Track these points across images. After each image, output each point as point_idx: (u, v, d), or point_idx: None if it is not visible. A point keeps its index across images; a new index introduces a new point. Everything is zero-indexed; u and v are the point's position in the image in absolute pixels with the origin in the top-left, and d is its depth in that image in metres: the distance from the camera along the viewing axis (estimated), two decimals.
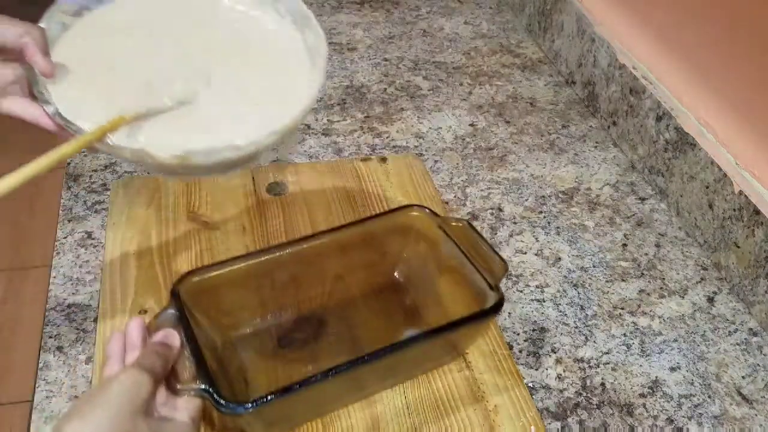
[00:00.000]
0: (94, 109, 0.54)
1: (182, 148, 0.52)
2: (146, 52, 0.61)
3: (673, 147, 0.80)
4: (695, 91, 0.79)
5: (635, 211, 0.82)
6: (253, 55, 0.62)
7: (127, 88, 0.58)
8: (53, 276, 0.68)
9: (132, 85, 0.58)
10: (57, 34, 0.58)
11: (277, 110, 0.56)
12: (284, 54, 0.62)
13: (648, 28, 0.87)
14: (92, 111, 0.54)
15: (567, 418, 0.60)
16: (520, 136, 0.91)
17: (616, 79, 0.89)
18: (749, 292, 0.70)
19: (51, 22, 0.57)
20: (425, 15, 1.16)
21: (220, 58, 0.61)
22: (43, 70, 0.52)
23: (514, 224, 0.78)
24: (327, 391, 0.53)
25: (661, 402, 0.62)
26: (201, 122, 0.56)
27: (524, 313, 0.68)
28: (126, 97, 0.57)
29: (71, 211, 0.75)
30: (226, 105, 0.58)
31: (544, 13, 1.07)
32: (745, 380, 0.64)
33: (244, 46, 0.62)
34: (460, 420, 0.58)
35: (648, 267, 0.75)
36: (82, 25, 0.60)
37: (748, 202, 0.69)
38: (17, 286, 1.71)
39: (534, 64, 1.06)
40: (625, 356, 0.65)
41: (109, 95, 0.57)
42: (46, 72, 0.52)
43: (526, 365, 0.64)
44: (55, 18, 0.58)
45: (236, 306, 0.62)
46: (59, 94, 0.55)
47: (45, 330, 0.63)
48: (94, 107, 0.55)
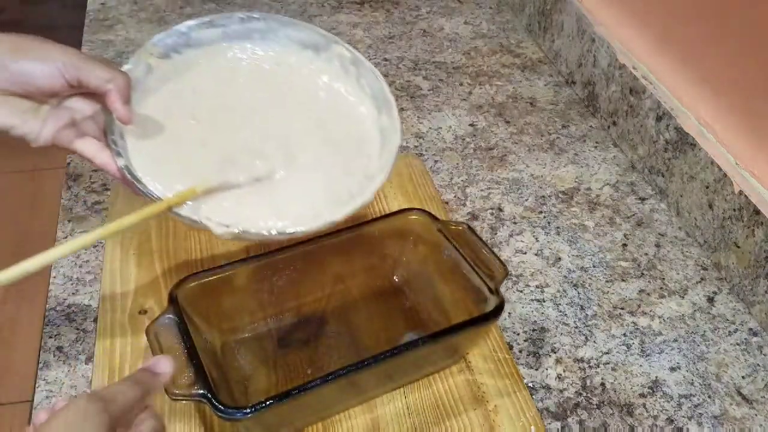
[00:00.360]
0: (166, 173, 0.55)
1: (241, 226, 0.53)
2: (227, 119, 0.60)
3: (673, 147, 0.80)
4: (695, 91, 0.79)
5: (635, 211, 0.82)
6: (331, 131, 0.61)
7: (203, 157, 0.57)
8: (53, 276, 0.68)
9: (208, 155, 0.57)
10: (141, 76, 0.57)
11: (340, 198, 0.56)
12: (360, 133, 0.61)
13: (648, 28, 0.87)
14: (163, 173, 0.55)
15: (567, 418, 0.60)
16: (520, 136, 0.91)
17: (616, 79, 0.89)
18: (749, 292, 0.70)
19: (138, 63, 0.57)
20: (425, 15, 1.16)
21: (300, 134, 0.60)
22: (121, 118, 0.53)
23: (514, 224, 0.78)
24: (327, 395, 0.53)
25: (661, 402, 0.62)
26: (268, 202, 0.56)
27: (524, 313, 0.68)
28: (200, 166, 0.56)
29: (71, 211, 0.75)
30: (296, 188, 0.57)
31: (544, 13, 1.07)
32: (745, 380, 0.64)
33: (323, 121, 0.61)
34: (461, 421, 0.58)
35: (648, 267, 0.75)
36: (167, 72, 0.59)
37: (748, 202, 0.69)
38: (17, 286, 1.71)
39: (534, 64, 1.06)
40: (625, 356, 0.65)
41: (183, 161, 0.57)
42: (123, 119, 0.53)
43: (526, 365, 0.64)
44: (142, 59, 0.57)
45: (235, 310, 0.62)
46: (133, 145, 0.55)
47: (45, 330, 0.63)
48: (166, 170, 0.55)
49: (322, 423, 0.57)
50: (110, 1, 1.12)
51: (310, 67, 0.63)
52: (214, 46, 0.61)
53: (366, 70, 0.61)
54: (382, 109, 0.61)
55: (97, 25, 1.07)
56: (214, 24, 0.60)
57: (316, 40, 0.61)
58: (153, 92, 0.58)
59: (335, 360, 0.61)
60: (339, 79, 0.62)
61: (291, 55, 0.62)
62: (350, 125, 0.62)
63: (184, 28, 0.59)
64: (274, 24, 0.61)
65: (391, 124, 0.60)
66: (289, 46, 0.62)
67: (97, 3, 1.12)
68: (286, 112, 0.62)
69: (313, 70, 0.63)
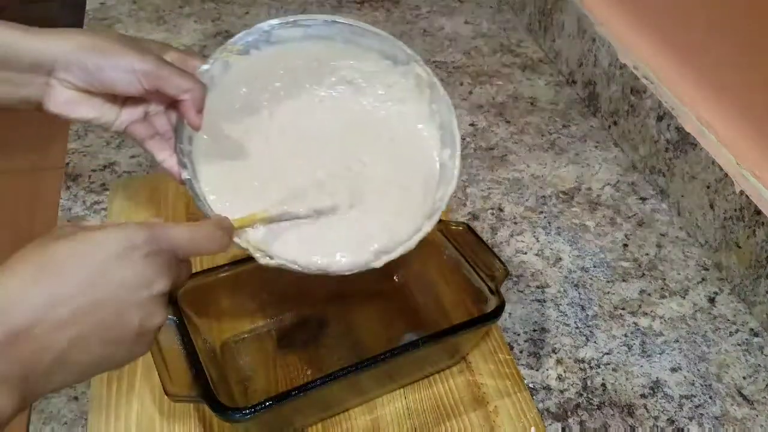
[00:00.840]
0: (228, 189, 0.56)
1: (285, 258, 0.54)
2: (298, 141, 0.60)
3: (674, 147, 0.80)
4: (696, 91, 0.79)
5: (636, 211, 0.81)
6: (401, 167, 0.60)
7: (268, 184, 0.57)
8: None
9: (275, 181, 0.58)
10: (218, 74, 0.57)
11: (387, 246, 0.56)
12: (425, 170, 0.60)
13: (649, 28, 0.86)
14: (226, 190, 0.56)
15: (568, 419, 0.60)
16: (521, 136, 0.91)
17: (616, 79, 0.89)
18: (750, 293, 0.70)
19: (216, 61, 0.57)
20: (425, 14, 1.16)
21: (370, 168, 0.60)
22: (192, 124, 0.54)
23: (515, 224, 0.78)
24: (327, 396, 0.53)
25: (662, 402, 0.62)
26: (321, 240, 0.56)
27: (525, 314, 0.68)
28: (264, 193, 0.57)
29: (70, 211, 0.75)
30: (351, 229, 0.57)
31: (545, 13, 1.07)
32: (746, 381, 0.64)
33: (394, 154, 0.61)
34: (461, 422, 0.58)
35: (649, 267, 0.74)
36: (244, 71, 0.58)
37: (749, 202, 0.69)
38: None
39: (534, 64, 1.06)
40: (625, 357, 0.65)
41: (248, 182, 0.57)
42: (194, 126, 0.54)
43: (526, 366, 0.64)
44: (221, 57, 0.57)
45: (235, 310, 0.62)
46: (201, 152, 0.56)
47: None
48: (229, 187, 0.56)
49: (322, 423, 0.57)
50: (109, 1, 1.12)
51: (384, 82, 0.61)
52: (294, 44, 0.59)
53: (440, 98, 0.59)
54: (447, 143, 0.60)
55: (96, 24, 1.06)
56: (298, 24, 0.59)
57: (397, 54, 0.60)
58: (228, 94, 0.58)
59: (335, 361, 0.61)
60: (412, 99, 0.61)
61: (369, 63, 0.60)
62: (419, 160, 0.60)
63: (266, 27, 0.58)
64: (358, 30, 0.59)
65: (451, 164, 0.59)
66: (369, 53, 0.60)
67: (96, 2, 1.12)
68: (358, 138, 0.61)
69: (387, 84, 0.61)
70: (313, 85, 0.61)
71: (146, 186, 0.77)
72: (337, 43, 0.59)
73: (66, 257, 0.37)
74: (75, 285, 0.37)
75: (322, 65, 0.60)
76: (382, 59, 0.60)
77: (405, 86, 0.61)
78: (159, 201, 0.75)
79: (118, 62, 0.50)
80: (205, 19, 1.09)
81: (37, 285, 0.36)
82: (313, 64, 0.60)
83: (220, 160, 0.57)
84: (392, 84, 0.61)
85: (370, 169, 0.60)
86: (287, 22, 0.59)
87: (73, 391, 0.58)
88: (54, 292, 0.36)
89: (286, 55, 0.59)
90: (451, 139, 0.59)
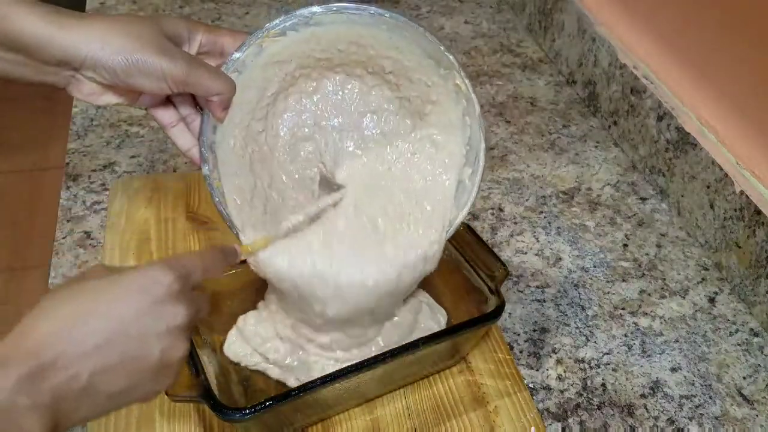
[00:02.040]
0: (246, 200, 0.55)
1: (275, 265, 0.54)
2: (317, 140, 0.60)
3: (674, 147, 0.80)
4: (696, 91, 0.79)
5: (636, 211, 0.81)
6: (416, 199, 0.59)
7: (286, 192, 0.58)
8: (52, 276, 0.67)
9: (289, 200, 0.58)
10: (249, 60, 0.55)
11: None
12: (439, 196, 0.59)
13: (649, 28, 0.86)
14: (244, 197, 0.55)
15: (568, 419, 0.60)
16: (521, 136, 0.91)
17: (616, 79, 0.89)
18: (750, 293, 0.70)
19: (251, 46, 0.55)
20: (425, 14, 1.16)
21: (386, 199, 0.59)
22: (217, 117, 0.54)
23: (515, 224, 0.78)
24: (327, 396, 0.53)
25: (662, 402, 0.62)
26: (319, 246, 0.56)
27: (525, 314, 0.68)
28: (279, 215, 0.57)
29: (70, 211, 0.75)
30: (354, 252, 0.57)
31: (545, 13, 1.07)
32: (746, 381, 0.64)
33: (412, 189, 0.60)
34: (461, 422, 0.58)
35: (649, 267, 0.74)
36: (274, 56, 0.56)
37: (749, 202, 0.69)
38: (17, 286, 1.71)
39: (534, 64, 1.06)
40: (625, 357, 0.65)
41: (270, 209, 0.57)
42: (219, 119, 0.54)
43: (526, 366, 0.64)
44: (257, 42, 0.55)
45: (235, 310, 0.61)
46: (222, 149, 0.55)
47: None
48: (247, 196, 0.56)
49: (322, 423, 0.57)
50: (109, 1, 1.12)
51: (422, 80, 0.58)
52: (335, 26, 0.56)
53: (474, 115, 0.57)
54: (470, 162, 0.58)
55: None
56: (341, 11, 0.56)
57: (441, 57, 0.56)
58: (257, 80, 0.56)
59: None
60: (447, 105, 0.58)
61: (411, 57, 0.57)
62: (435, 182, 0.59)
63: (307, 12, 0.55)
64: (406, 26, 0.56)
65: (470, 185, 0.58)
66: (413, 48, 0.56)
67: (96, 2, 1.12)
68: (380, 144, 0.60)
69: (425, 83, 0.58)
70: (346, 75, 0.59)
71: (146, 186, 0.77)
72: (382, 32, 0.56)
73: (94, 296, 0.40)
74: (101, 320, 0.39)
75: (360, 51, 0.57)
76: (425, 57, 0.57)
77: (443, 90, 0.58)
78: (159, 201, 0.75)
79: (147, 69, 0.49)
80: (206, 20, 1.09)
81: (67, 322, 0.38)
82: (352, 48, 0.57)
83: (241, 159, 0.56)
84: (431, 84, 0.58)
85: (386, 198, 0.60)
86: (330, 9, 0.55)
87: None
88: (82, 327, 0.38)
89: (324, 37, 0.56)
90: (476, 160, 0.58)
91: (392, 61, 0.57)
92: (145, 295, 0.40)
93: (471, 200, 0.58)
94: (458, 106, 0.58)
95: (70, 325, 0.38)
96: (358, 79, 0.60)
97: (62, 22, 0.48)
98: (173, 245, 0.70)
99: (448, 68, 0.56)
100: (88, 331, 0.38)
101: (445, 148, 0.59)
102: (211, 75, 0.52)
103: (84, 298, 0.39)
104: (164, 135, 0.59)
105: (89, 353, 0.38)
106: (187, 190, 0.77)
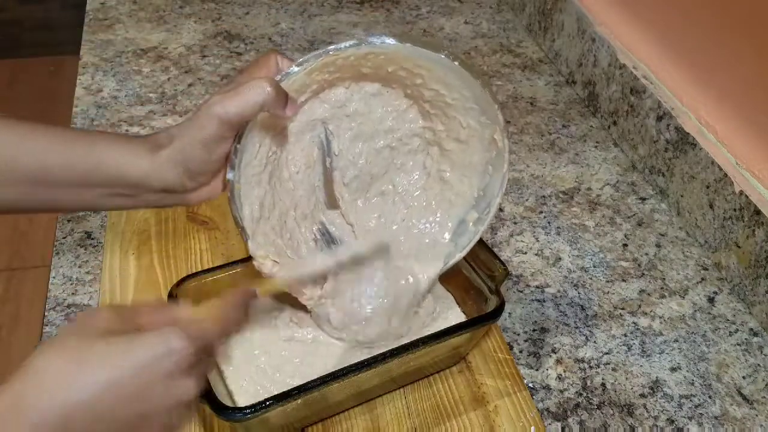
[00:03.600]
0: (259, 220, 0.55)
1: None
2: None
3: (673, 147, 0.80)
4: (696, 91, 0.79)
5: (636, 211, 0.81)
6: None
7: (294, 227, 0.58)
8: (53, 276, 0.67)
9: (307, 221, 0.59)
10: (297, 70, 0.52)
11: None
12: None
13: (649, 28, 0.87)
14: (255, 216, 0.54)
15: (567, 419, 0.60)
16: (521, 136, 0.91)
17: (616, 79, 0.89)
18: (750, 293, 0.70)
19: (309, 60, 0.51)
20: (425, 15, 1.16)
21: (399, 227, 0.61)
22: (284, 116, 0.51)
23: (515, 224, 0.78)
24: (327, 396, 0.53)
25: (661, 402, 0.62)
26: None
27: (524, 314, 0.68)
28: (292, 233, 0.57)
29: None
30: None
31: (545, 13, 1.07)
32: (745, 380, 0.64)
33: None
34: (461, 421, 0.58)
35: (648, 267, 0.74)
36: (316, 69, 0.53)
37: (748, 202, 0.69)
38: (17, 286, 1.71)
39: (534, 64, 1.06)
40: (625, 356, 0.65)
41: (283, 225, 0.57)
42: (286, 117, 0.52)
43: (526, 366, 0.64)
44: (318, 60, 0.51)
45: None
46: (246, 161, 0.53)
47: (45, 330, 0.63)
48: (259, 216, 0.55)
49: (322, 423, 0.57)
50: (110, 1, 1.12)
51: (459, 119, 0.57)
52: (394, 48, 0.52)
53: (500, 170, 0.57)
54: (479, 209, 0.59)
55: (96, 24, 1.06)
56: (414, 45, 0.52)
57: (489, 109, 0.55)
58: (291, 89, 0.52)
59: None
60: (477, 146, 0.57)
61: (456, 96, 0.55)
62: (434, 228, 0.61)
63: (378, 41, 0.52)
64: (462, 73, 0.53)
65: (473, 229, 0.59)
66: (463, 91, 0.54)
67: (96, 2, 1.12)
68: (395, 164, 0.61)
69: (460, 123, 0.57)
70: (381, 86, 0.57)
71: None
72: (438, 67, 0.53)
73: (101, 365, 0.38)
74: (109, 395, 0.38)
75: (408, 76, 0.55)
76: (471, 102, 0.55)
77: (477, 135, 0.57)
78: None
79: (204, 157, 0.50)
80: (206, 20, 1.09)
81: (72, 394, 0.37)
82: (401, 72, 0.55)
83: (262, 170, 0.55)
84: (466, 126, 0.57)
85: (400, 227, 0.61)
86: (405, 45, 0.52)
87: None
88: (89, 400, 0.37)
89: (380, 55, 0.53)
90: (486, 210, 0.58)
91: (435, 94, 0.56)
92: (158, 368, 0.39)
93: (470, 245, 0.59)
94: (485, 154, 0.57)
95: (75, 398, 0.37)
96: (391, 91, 0.57)
97: (151, 157, 0.50)
98: (173, 245, 0.70)
99: (491, 121, 0.55)
100: (95, 403, 0.37)
101: (454, 188, 0.60)
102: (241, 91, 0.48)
103: (91, 367, 0.37)
104: None
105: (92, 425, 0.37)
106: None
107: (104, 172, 0.50)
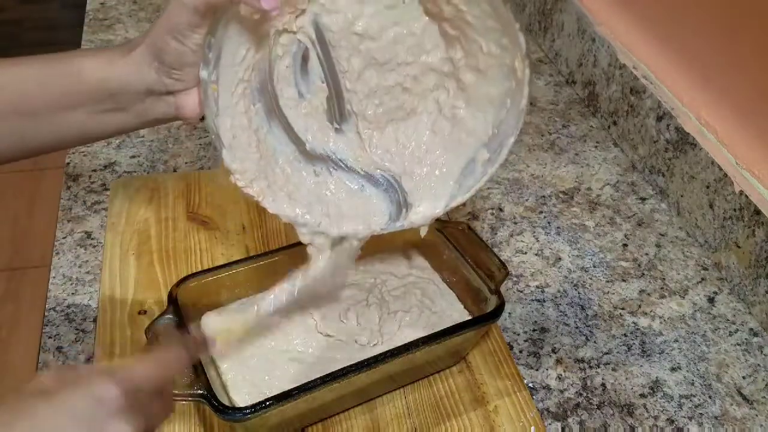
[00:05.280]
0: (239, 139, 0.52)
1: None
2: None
3: (673, 147, 0.80)
4: (696, 91, 0.79)
5: (636, 211, 0.81)
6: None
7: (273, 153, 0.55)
8: (53, 276, 0.67)
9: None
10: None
11: None
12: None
13: (648, 28, 0.86)
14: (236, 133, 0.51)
15: (567, 419, 0.60)
16: (521, 136, 0.90)
17: (616, 79, 0.89)
18: (750, 293, 0.70)
19: None
20: None
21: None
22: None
23: (515, 224, 0.78)
24: (327, 396, 0.53)
25: (661, 402, 0.62)
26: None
27: (524, 314, 0.68)
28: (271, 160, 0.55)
29: (71, 211, 0.75)
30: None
31: (545, 13, 1.07)
32: (745, 380, 0.64)
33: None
34: (461, 421, 0.58)
35: (648, 267, 0.74)
36: None
37: (748, 202, 0.69)
38: (17, 286, 1.71)
39: (534, 64, 1.06)
40: (625, 356, 0.65)
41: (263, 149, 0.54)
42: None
43: (526, 366, 0.64)
44: None
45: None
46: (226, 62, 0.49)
47: (44, 330, 0.63)
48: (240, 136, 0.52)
49: (322, 423, 0.57)
50: (110, 1, 1.12)
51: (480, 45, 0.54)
52: None
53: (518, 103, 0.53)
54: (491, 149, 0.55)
55: (96, 24, 1.06)
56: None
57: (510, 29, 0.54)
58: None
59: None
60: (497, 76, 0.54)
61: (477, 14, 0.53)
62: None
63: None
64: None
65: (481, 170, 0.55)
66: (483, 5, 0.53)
67: (96, 2, 1.12)
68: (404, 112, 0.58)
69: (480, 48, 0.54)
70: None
71: (146, 186, 0.77)
72: None
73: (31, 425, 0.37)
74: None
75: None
76: (492, 19, 0.53)
77: (496, 63, 0.54)
78: (159, 201, 0.75)
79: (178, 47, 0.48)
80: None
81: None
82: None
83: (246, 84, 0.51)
84: (486, 52, 0.53)
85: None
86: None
87: None
88: None
89: None
90: (498, 150, 0.54)
91: (454, 10, 0.52)
92: (87, 420, 0.38)
93: (476, 187, 0.55)
94: (505, 83, 0.53)
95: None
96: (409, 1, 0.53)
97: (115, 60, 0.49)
98: (173, 245, 0.70)
99: (512, 44, 0.53)
100: None
101: (467, 124, 0.56)
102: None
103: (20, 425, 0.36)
104: (164, 135, 0.58)
105: None
106: (187, 190, 0.77)
107: (84, 85, 0.49)
